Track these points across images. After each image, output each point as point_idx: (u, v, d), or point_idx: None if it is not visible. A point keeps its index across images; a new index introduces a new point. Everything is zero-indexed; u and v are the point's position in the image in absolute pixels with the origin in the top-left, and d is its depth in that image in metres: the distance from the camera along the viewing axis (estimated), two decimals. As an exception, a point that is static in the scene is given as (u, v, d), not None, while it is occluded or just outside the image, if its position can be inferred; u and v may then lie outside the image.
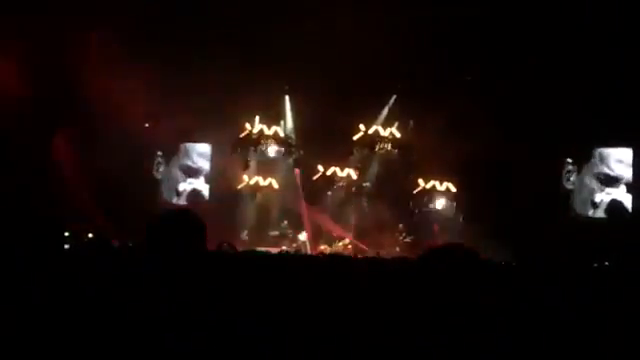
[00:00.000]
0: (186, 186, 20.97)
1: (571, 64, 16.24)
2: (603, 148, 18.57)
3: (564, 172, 18.80)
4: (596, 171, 18.62)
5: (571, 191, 18.87)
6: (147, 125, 20.02)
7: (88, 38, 16.30)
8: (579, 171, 18.77)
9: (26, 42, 15.33)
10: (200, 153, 21.04)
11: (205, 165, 21.02)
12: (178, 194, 20.95)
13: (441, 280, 2.41)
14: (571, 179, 18.82)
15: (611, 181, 18.48)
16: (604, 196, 18.53)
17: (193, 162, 21.01)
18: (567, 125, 16.92)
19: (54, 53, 16.03)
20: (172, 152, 20.95)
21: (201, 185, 21.01)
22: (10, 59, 15.46)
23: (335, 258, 6.72)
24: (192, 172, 21.00)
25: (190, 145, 21.03)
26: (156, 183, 20.91)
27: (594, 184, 18.65)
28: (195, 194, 20.84)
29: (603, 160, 18.61)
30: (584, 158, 18.74)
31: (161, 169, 20.94)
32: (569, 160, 18.76)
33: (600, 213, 18.56)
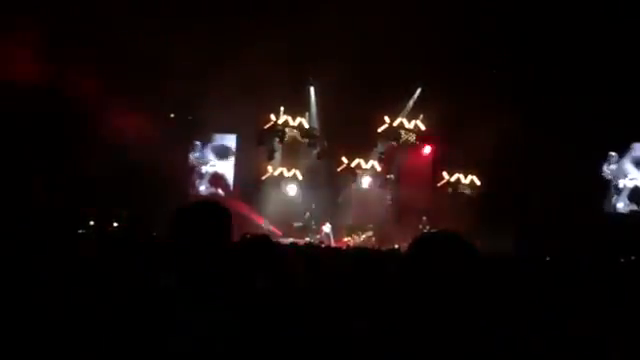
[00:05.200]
0: (208, 168, 21.02)
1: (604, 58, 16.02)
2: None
3: (605, 165, 18.78)
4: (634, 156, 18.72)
5: (609, 181, 18.84)
6: (172, 115, 20.12)
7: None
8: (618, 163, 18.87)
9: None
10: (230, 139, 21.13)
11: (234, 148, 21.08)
12: (201, 177, 21.02)
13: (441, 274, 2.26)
14: (610, 169, 18.76)
15: None
16: (627, 182, 18.44)
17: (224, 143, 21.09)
18: (601, 120, 16.66)
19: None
20: (207, 141, 21.05)
21: (224, 168, 21.00)
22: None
23: (359, 250, 6.70)
24: (223, 152, 20.96)
25: (220, 135, 21.07)
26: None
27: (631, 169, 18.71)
28: (217, 177, 20.88)
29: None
30: (623, 150, 18.84)
31: (196, 154, 20.97)
32: (612, 153, 18.73)
33: (623, 199, 18.52)
